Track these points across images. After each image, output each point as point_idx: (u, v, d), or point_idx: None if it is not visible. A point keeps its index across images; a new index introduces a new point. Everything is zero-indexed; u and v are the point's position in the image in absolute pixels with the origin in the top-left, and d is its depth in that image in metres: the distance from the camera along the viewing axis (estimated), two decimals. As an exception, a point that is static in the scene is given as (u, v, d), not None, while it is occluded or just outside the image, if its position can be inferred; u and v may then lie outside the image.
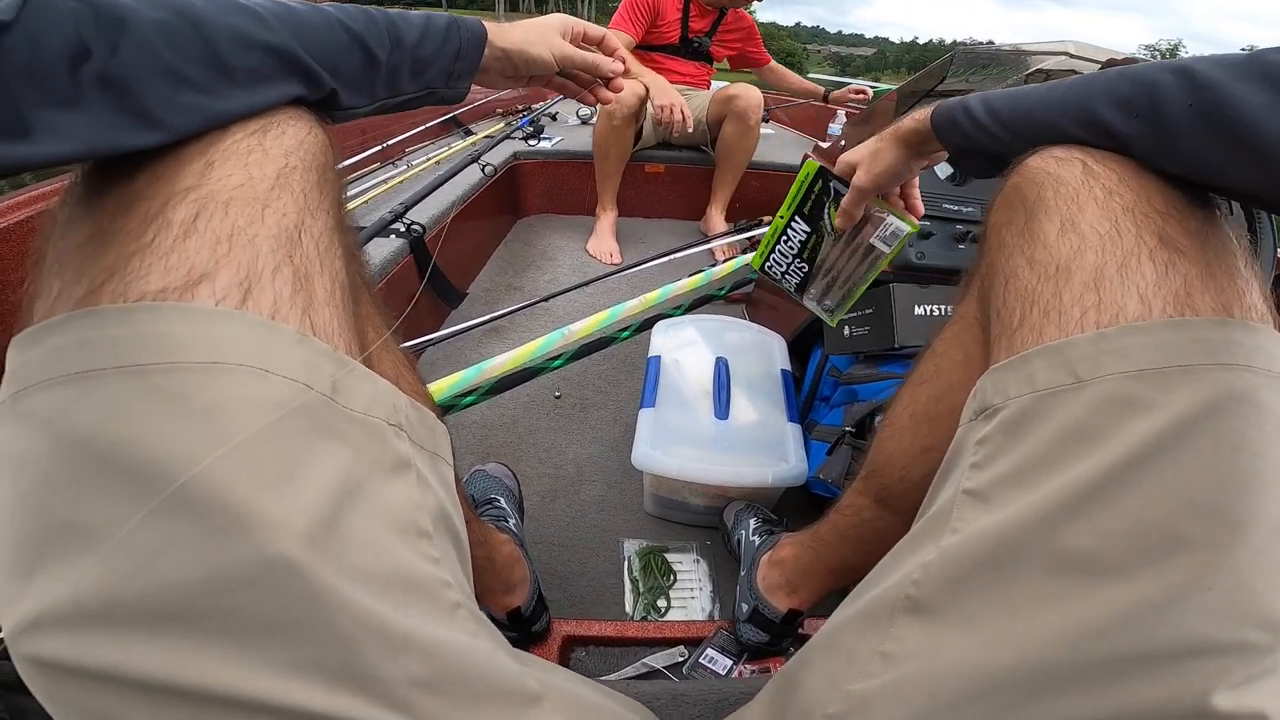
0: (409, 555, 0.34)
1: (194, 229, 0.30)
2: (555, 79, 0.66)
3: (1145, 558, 0.30)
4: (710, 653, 0.84)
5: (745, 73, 2.53)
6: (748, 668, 0.83)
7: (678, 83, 2.18)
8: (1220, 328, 0.33)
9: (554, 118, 2.85)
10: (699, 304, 1.44)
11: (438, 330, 1.32)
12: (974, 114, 0.52)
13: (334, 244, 0.37)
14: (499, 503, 0.93)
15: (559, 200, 2.43)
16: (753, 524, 0.94)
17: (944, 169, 1.06)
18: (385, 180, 1.72)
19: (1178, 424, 0.31)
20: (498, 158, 2.10)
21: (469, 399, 1.04)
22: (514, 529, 0.89)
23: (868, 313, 1.00)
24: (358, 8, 0.44)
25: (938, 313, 0.99)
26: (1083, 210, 0.39)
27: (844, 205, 0.70)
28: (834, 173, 0.73)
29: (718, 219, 2.25)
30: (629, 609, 0.94)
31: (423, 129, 2.19)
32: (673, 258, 1.68)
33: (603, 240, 2.14)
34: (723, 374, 1.12)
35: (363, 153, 1.82)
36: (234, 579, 0.26)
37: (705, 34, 2.23)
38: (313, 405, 0.31)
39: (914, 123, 0.61)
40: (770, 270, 0.85)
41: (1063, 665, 0.31)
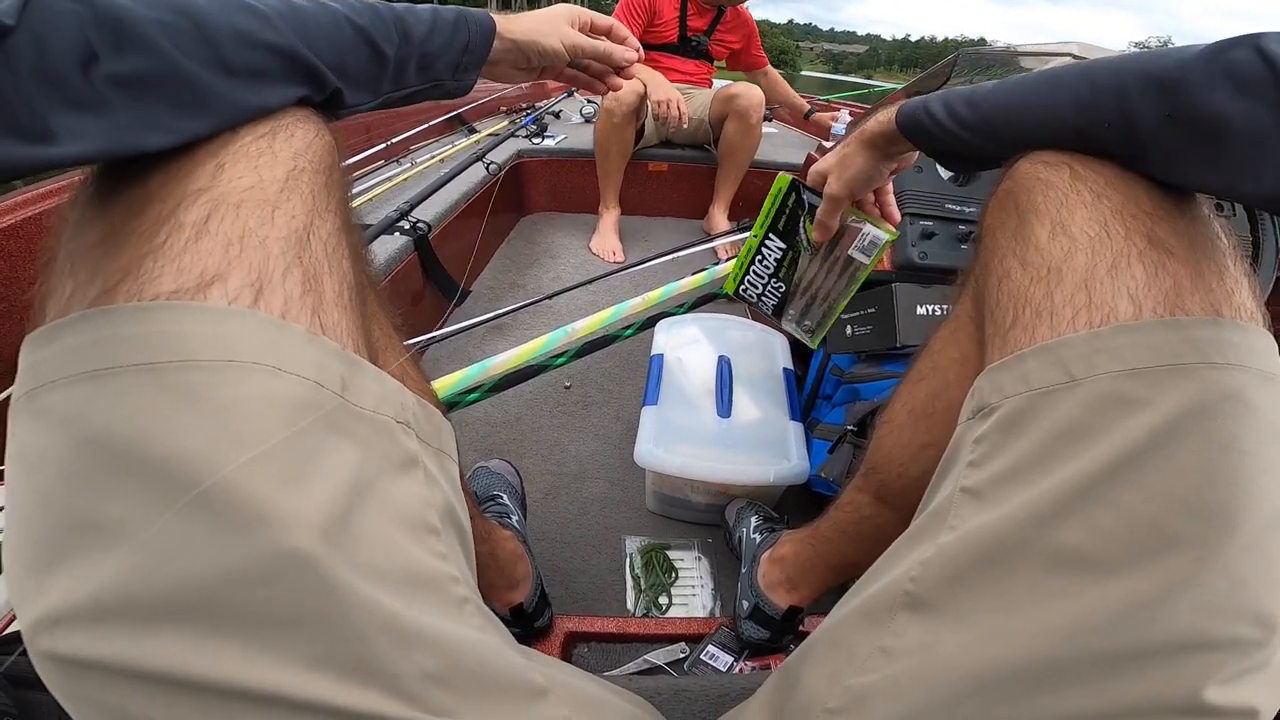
0: (418, 551, 0.35)
1: (206, 230, 0.30)
2: (566, 70, 0.66)
3: (1139, 554, 0.31)
4: (711, 649, 0.85)
5: (741, 75, 2.53)
6: (748, 664, 0.84)
7: (678, 81, 2.18)
8: (1211, 327, 0.33)
9: (557, 116, 2.84)
10: (702, 302, 1.45)
11: (441, 327, 1.32)
12: (937, 117, 0.51)
13: (341, 244, 0.37)
14: (502, 499, 0.94)
15: (562, 198, 2.43)
16: (754, 521, 0.94)
17: (947, 170, 1.06)
18: (390, 178, 1.72)
19: (1170, 422, 0.32)
20: (501, 156, 2.10)
21: (472, 396, 1.05)
22: (517, 525, 0.90)
23: (870, 312, 1.00)
24: (364, 3, 0.43)
25: (939, 312, 0.99)
26: (1072, 213, 0.39)
27: (819, 216, 0.69)
28: (807, 185, 0.72)
29: (720, 218, 2.25)
30: (631, 606, 0.95)
31: (427, 127, 2.19)
32: (675, 256, 1.69)
33: (605, 238, 2.14)
34: (725, 372, 1.12)
35: (368, 150, 1.83)
36: (250, 575, 0.27)
37: (704, 32, 2.23)
38: (324, 403, 0.31)
39: (878, 125, 0.60)
40: (745, 293, 0.82)
41: (1059, 661, 0.31)
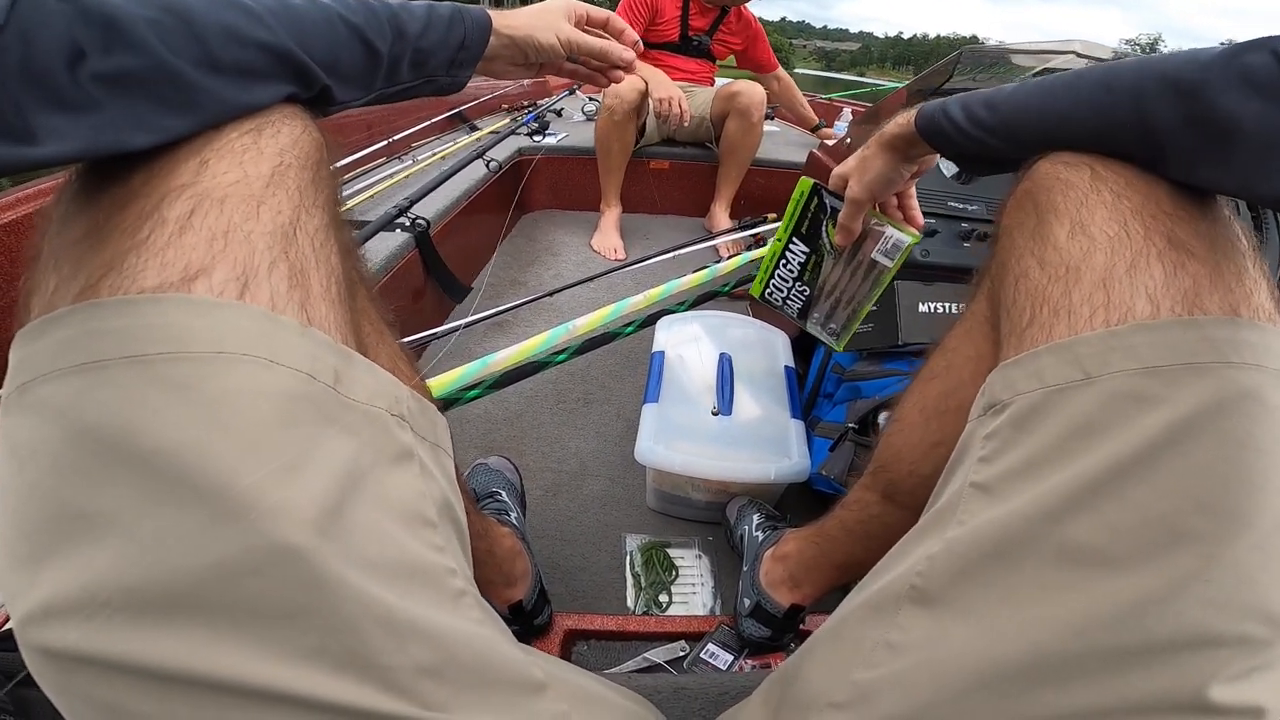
0: (414, 544, 0.34)
1: (189, 225, 0.30)
2: (565, 66, 0.66)
3: (1150, 550, 0.31)
4: (711, 648, 0.84)
5: (746, 74, 2.53)
6: (749, 663, 0.83)
7: (680, 79, 2.18)
8: (1229, 327, 0.33)
9: (559, 113, 2.84)
10: (703, 300, 1.44)
11: (442, 325, 1.32)
12: (955, 120, 0.51)
13: (329, 240, 0.37)
14: (501, 496, 0.94)
15: (563, 196, 2.43)
16: (756, 519, 0.94)
17: (949, 167, 1.06)
18: (391, 175, 1.72)
19: (1185, 420, 0.32)
20: (502, 153, 2.10)
21: (473, 393, 1.04)
22: (515, 522, 0.89)
23: (872, 310, 1.00)
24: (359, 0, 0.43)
25: (942, 310, 0.99)
26: (1092, 213, 0.39)
27: (841, 219, 0.69)
28: (828, 189, 0.72)
29: (722, 216, 2.24)
30: (630, 604, 0.94)
31: (428, 124, 2.19)
32: (677, 254, 1.68)
33: (607, 236, 2.14)
34: (726, 370, 1.12)
35: (368, 148, 1.83)
36: (242, 567, 0.26)
37: (705, 32, 2.23)
38: (317, 395, 0.31)
39: (898, 127, 0.60)
40: (771, 297, 0.83)
41: (1066, 655, 0.31)
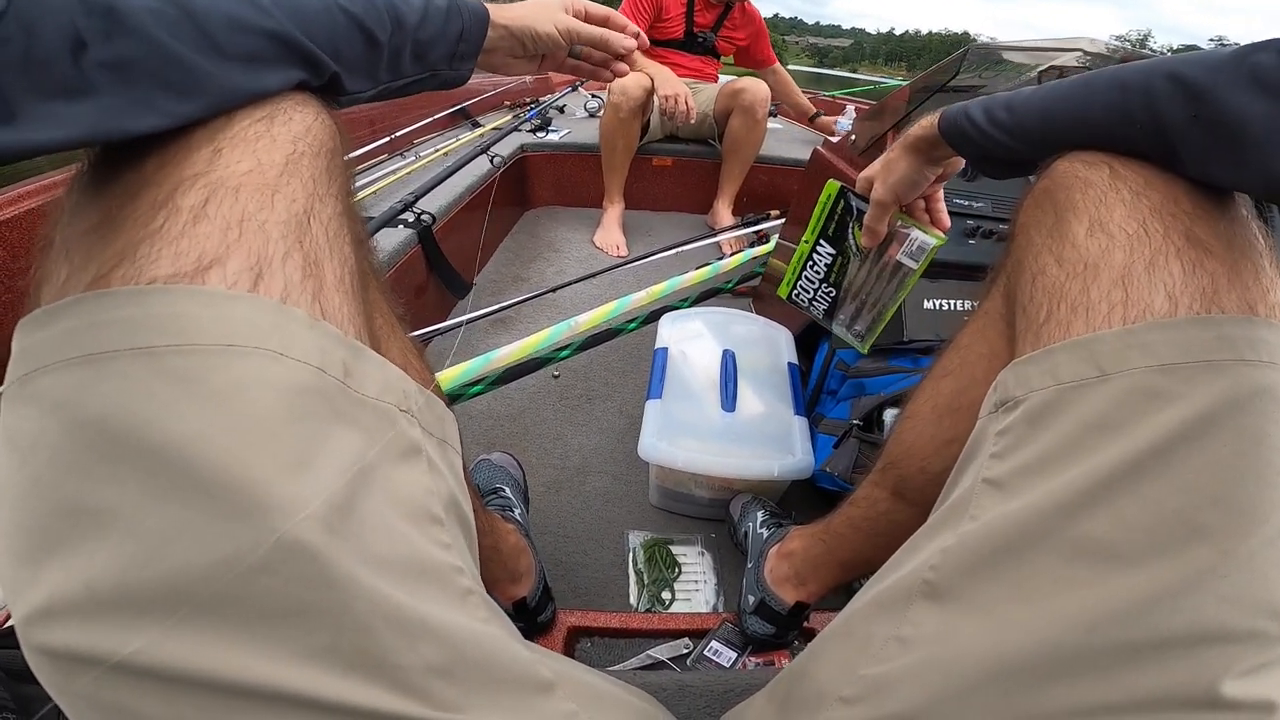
0: (422, 541, 0.34)
1: (204, 214, 0.30)
2: (568, 61, 0.65)
3: (1163, 546, 0.31)
4: (715, 645, 0.84)
5: (748, 71, 2.52)
6: (752, 660, 0.83)
7: (685, 77, 2.17)
8: (1245, 325, 0.33)
9: (561, 110, 2.84)
10: (706, 296, 1.44)
11: (444, 320, 1.32)
12: (977, 122, 0.52)
13: (342, 230, 0.36)
14: (504, 492, 0.93)
15: (566, 192, 2.42)
16: (760, 516, 0.94)
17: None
18: (394, 171, 1.72)
19: (1201, 417, 0.31)
20: (505, 149, 2.09)
21: (475, 389, 1.04)
22: (519, 519, 0.89)
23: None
24: None
25: (947, 307, 0.98)
26: (1111, 211, 0.39)
27: (867, 221, 0.70)
28: (855, 191, 0.72)
29: (725, 212, 2.24)
30: (633, 601, 0.94)
31: (431, 120, 2.18)
32: (679, 250, 1.68)
33: (609, 233, 2.13)
34: (729, 366, 1.11)
35: (372, 144, 1.82)
36: (250, 564, 0.26)
37: (710, 29, 2.22)
38: (326, 389, 0.31)
39: (921, 129, 0.61)
40: (798, 298, 0.83)
41: (1078, 650, 0.31)
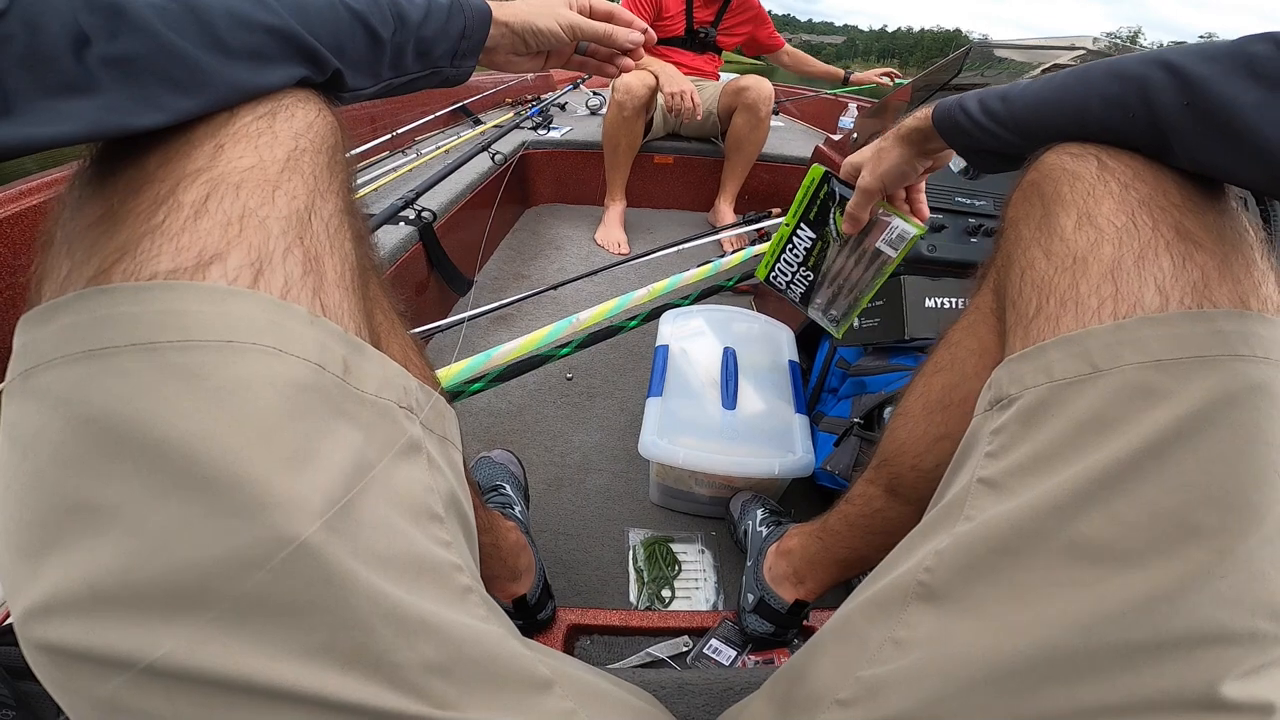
0: (421, 538, 0.34)
1: (205, 210, 0.30)
2: (574, 57, 0.65)
3: (1160, 546, 0.30)
4: (714, 643, 0.84)
5: (758, 61, 2.50)
6: (752, 658, 0.83)
7: (686, 75, 2.17)
8: (1239, 320, 0.33)
9: (563, 108, 2.83)
10: (707, 294, 1.44)
11: (446, 317, 1.32)
12: (971, 114, 0.52)
13: (343, 226, 0.36)
14: (504, 490, 0.94)
15: (567, 190, 2.42)
16: (760, 514, 0.94)
17: (956, 162, 1.05)
18: (395, 168, 1.72)
19: (1195, 414, 0.31)
20: (507, 147, 2.09)
21: (476, 386, 1.04)
22: (519, 516, 0.89)
23: (878, 304, 0.99)
24: None
25: (948, 305, 0.98)
26: (1099, 204, 0.39)
27: (850, 208, 0.70)
28: (839, 177, 0.73)
29: (726, 210, 2.24)
30: (633, 599, 0.94)
31: (432, 118, 2.18)
32: (681, 248, 1.68)
33: (611, 230, 2.13)
34: (730, 364, 1.11)
35: (373, 141, 1.82)
36: (249, 561, 0.26)
37: (710, 24, 2.21)
38: (326, 386, 0.31)
39: (916, 121, 0.61)
40: (775, 280, 0.84)
41: (1075, 652, 0.31)
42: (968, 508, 0.37)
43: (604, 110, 2.00)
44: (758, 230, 1.95)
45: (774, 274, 0.84)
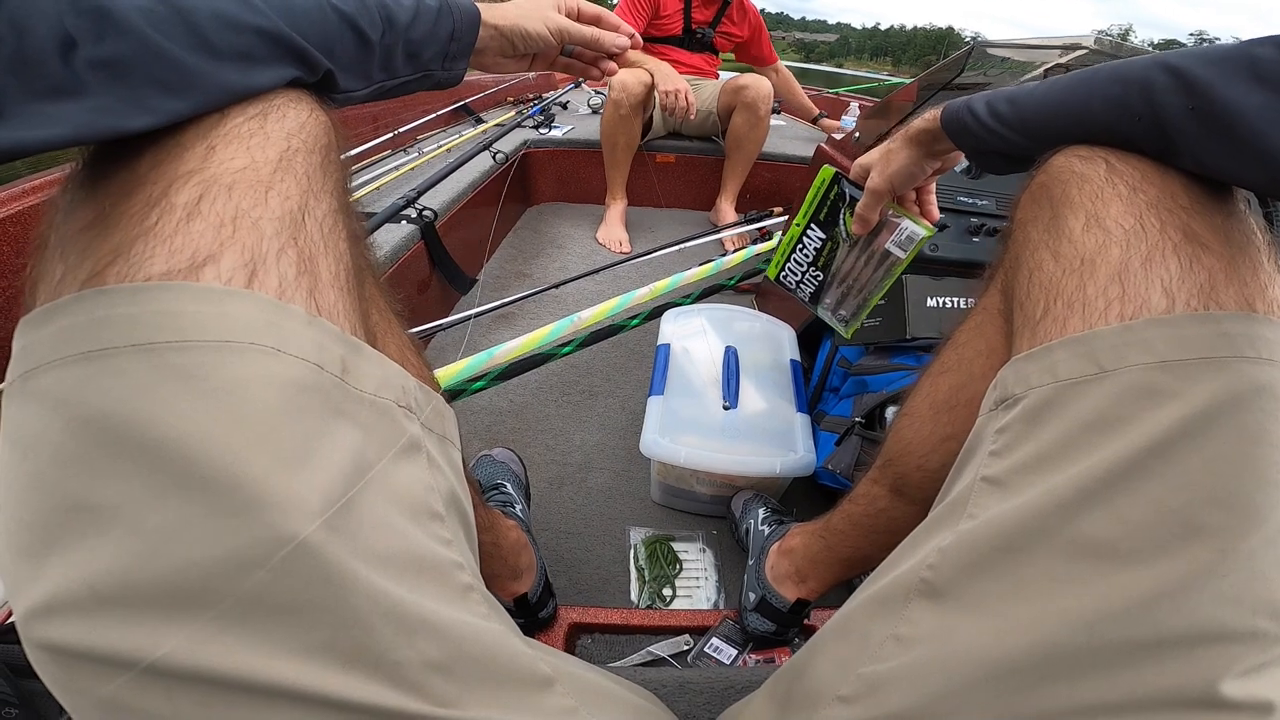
0: (422, 537, 0.34)
1: (197, 212, 0.30)
2: (560, 59, 0.65)
3: (1163, 545, 0.31)
4: (715, 642, 0.84)
5: (749, 68, 2.51)
6: (753, 657, 0.83)
7: (683, 74, 2.17)
8: (1244, 322, 0.33)
9: (564, 106, 2.83)
10: (708, 293, 1.44)
11: (447, 316, 1.32)
12: (979, 116, 0.52)
13: (338, 226, 0.36)
14: (505, 488, 0.94)
15: (569, 189, 2.42)
16: (762, 513, 0.94)
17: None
18: (397, 167, 1.72)
19: (1200, 414, 0.31)
20: (508, 146, 2.09)
21: (478, 384, 1.04)
22: (520, 515, 0.89)
23: (880, 304, 0.99)
24: None
25: (950, 305, 0.98)
26: (1107, 206, 0.39)
27: (859, 209, 0.70)
28: (849, 178, 0.73)
29: (727, 209, 2.24)
30: (634, 597, 0.94)
31: (434, 117, 2.18)
32: (682, 247, 1.68)
33: (612, 229, 2.13)
34: (732, 363, 1.11)
35: (375, 140, 1.82)
36: (249, 560, 0.26)
37: (708, 25, 2.21)
38: (324, 385, 0.31)
39: (924, 123, 0.61)
40: (785, 280, 0.85)
41: (1076, 649, 0.31)
42: (971, 505, 0.38)
43: (603, 109, 2.00)
44: (759, 229, 1.95)
45: (784, 273, 0.84)
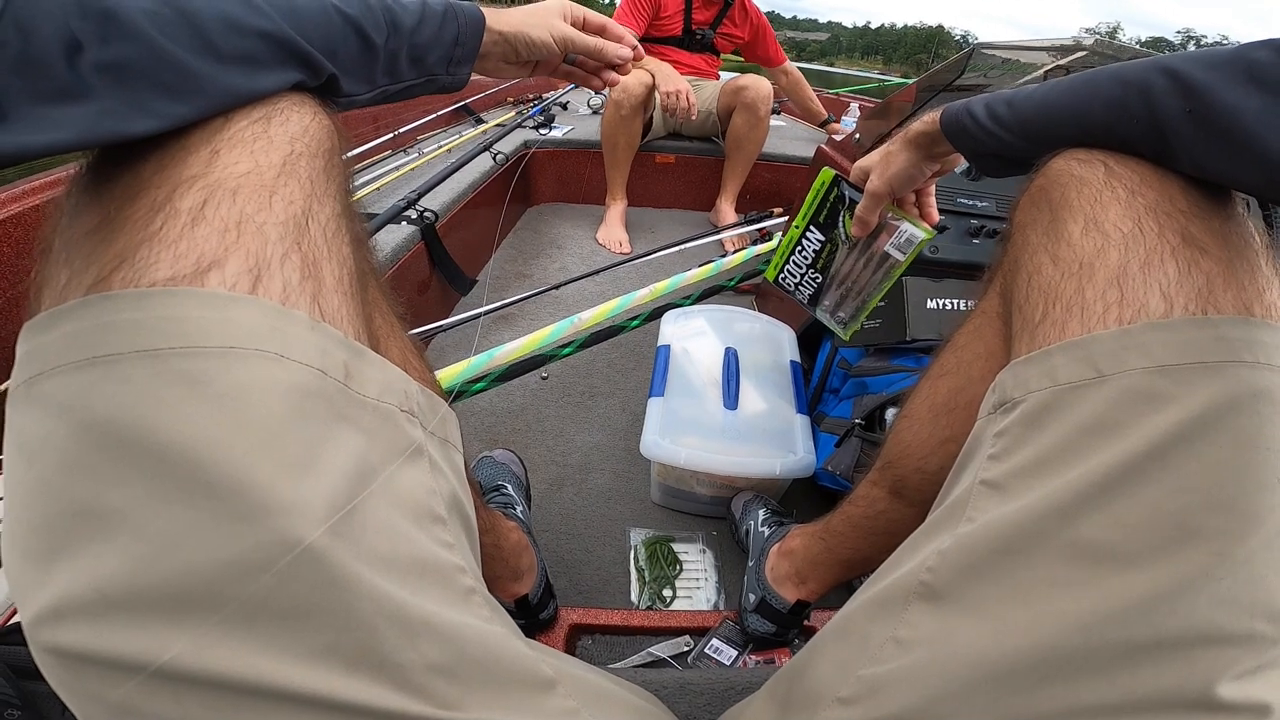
0: (424, 541, 0.34)
1: (202, 217, 0.30)
2: (562, 67, 0.66)
3: (1160, 548, 0.31)
4: (715, 643, 0.84)
5: (753, 68, 2.51)
6: (753, 658, 0.83)
7: (684, 74, 2.17)
8: (1243, 326, 0.33)
9: (565, 107, 2.83)
10: (708, 294, 1.44)
11: (447, 317, 1.32)
12: (978, 119, 0.52)
13: (341, 230, 0.36)
14: (506, 490, 0.94)
15: (569, 189, 2.42)
16: (762, 515, 0.94)
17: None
18: (397, 168, 1.72)
19: (1198, 418, 0.32)
20: (509, 146, 2.09)
21: (478, 385, 1.04)
22: (521, 516, 0.89)
23: (880, 305, 0.99)
24: None
25: (950, 307, 0.98)
26: (1106, 210, 0.39)
27: (859, 212, 0.70)
28: (849, 180, 0.73)
29: (727, 210, 2.24)
30: (635, 598, 0.94)
31: (434, 117, 2.18)
32: (682, 248, 1.68)
33: (612, 230, 2.13)
34: (732, 364, 1.11)
35: (375, 140, 1.82)
36: (254, 565, 0.26)
37: (709, 25, 2.21)
38: (328, 391, 0.31)
39: (924, 125, 0.61)
40: (784, 282, 0.85)
41: (1074, 652, 0.31)
42: (970, 509, 0.38)
43: (603, 110, 2.00)
44: (759, 230, 1.95)
45: (783, 275, 0.85)
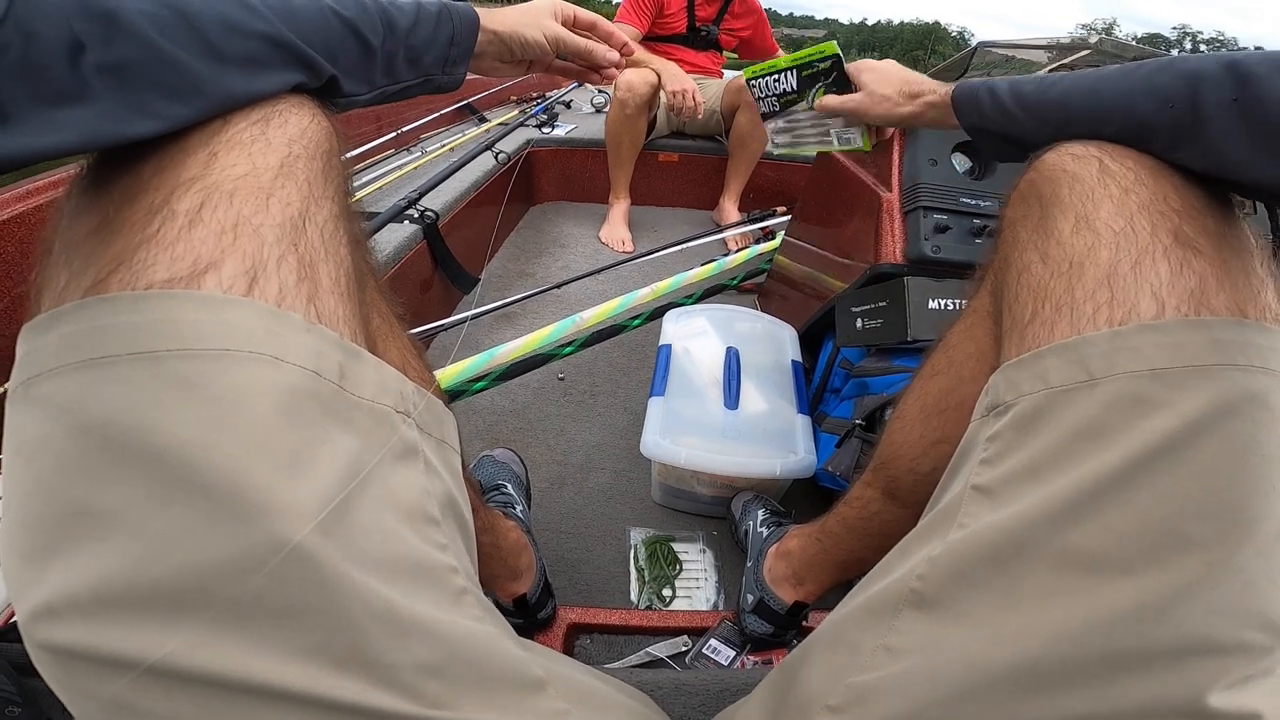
0: (417, 542, 0.34)
1: (199, 219, 0.30)
2: (555, 64, 0.67)
3: (1152, 556, 0.31)
4: (714, 643, 0.84)
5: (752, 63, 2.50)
6: (751, 659, 0.83)
7: (689, 73, 2.17)
8: (1237, 329, 0.33)
9: (568, 105, 2.83)
10: (711, 293, 1.44)
11: (450, 316, 1.32)
12: (999, 97, 0.53)
13: (339, 232, 0.36)
14: (506, 489, 0.94)
15: (572, 188, 2.42)
16: (761, 515, 0.94)
17: (962, 163, 1.04)
18: (400, 166, 1.72)
19: (1190, 424, 0.31)
20: (511, 145, 2.09)
21: (479, 385, 1.05)
22: (520, 515, 0.90)
23: (881, 305, 0.99)
24: None
25: (952, 307, 0.97)
26: (1098, 207, 0.38)
27: (834, 103, 0.87)
28: (846, 68, 0.88)
29: (731, 209, 2.23)
30: (634, 598, 0.94)
31: (437, 116, 2.19)
32: (685, 247, 1.68)
33: (615, 228, 2.13)
34: (733, 364, 1.11)
35: (377, 139, 1.83)
36: (246, 565, 0.27)
37: (712, 21, 2.20)
38: (322, 393, 0.31)
39: (936, 96, 0.67)
40: (753, 85, 1.01)
41: (1064, 661, 0.31)
42: (961, 515, 0.38)
43: (608, 108, 2.00)
44: (762, 229, 1.95)
45: (755, 82, 1.00)
